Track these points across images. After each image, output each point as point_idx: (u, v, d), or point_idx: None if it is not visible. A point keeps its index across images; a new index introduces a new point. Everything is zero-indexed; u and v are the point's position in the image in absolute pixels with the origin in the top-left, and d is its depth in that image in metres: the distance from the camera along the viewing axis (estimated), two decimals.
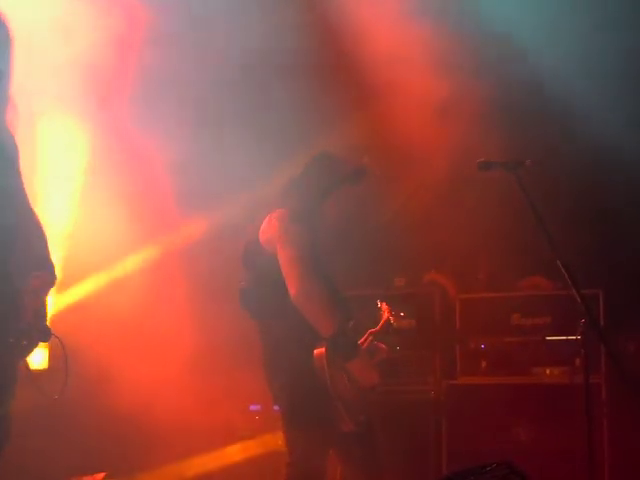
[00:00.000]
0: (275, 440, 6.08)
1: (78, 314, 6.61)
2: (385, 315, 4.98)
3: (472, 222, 7.05)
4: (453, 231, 6.96)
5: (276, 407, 4.63)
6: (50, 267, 3.50)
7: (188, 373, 6.58)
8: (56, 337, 3.53)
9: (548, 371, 6.48)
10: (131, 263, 6.93)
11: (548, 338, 6.51)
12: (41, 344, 3.45)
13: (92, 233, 6.56)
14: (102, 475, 6.48)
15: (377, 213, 6.84)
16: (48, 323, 3.48)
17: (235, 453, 6.70)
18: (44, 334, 3.45)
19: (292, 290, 4.38)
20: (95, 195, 6.69)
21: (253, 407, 6.82)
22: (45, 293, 3.47)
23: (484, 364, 6.70)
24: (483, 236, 7.02)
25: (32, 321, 3.37)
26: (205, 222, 6.99)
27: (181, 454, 6.75)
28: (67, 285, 6.72)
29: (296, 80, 6.62)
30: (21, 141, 3.51)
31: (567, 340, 6.30)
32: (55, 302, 6.50)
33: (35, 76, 5.55)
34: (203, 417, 6.48)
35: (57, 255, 6.34)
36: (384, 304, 5.06)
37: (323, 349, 4.41)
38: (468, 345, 6.75)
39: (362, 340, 4.70)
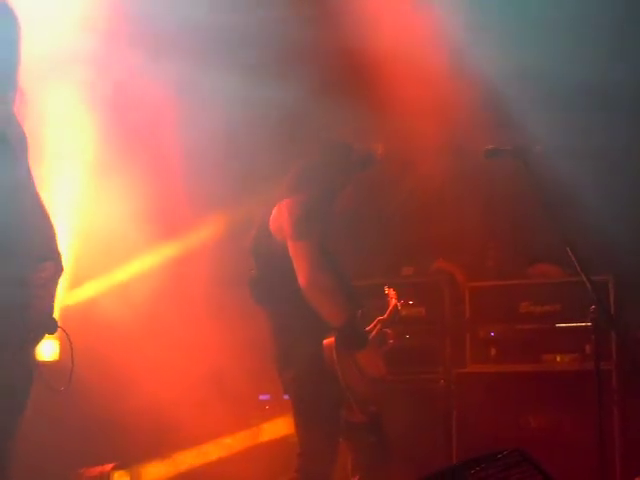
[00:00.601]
0: (286, 427, 6.08)
1: (93, 308, 6.63)
2: (393, 302, 4.97)
3: (481, 210, 7.03)
4: (462, 219, 6.94)
5: (286, 396, 4.63)
6: (57, 258, 3.48)
7: (198, 365, 6.59)
8: (62, 330, 3.52)
9: (558, 358, 6.46)
10: (147, 259, 6.94)
11: (558, 325, 6.49)
12: (50, 336, 3.44)
13: (106, 230, 6.57)
14: (111, 466, 6.50)
15: (385, 202, 6.84)
16: (55, 315, 3.46)
17: (245, 442, 6.72)
18: (50, 326, 3.43)
19: (302, 281, 4.39)
20: (109, 191, 6.68)
21: (263, 397, 6.83)
22: (54, 284, 3.46)
23: (494, 352, 6.67)
24: (492, 223, 7.00)
25: (39, 313, 3.37)
26: (221, 219, 7.00)
27: (190, 443, 6.77)
28: (81, 280, 6.74)
29: (305, 70, 6.62)
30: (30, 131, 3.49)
31: (577, 327, 6.27)
32: (68, 297, 6.53)
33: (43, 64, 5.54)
34: (213, 407, 6.49)
35: (70, 250, 6.37)
36: (391, 290, 5.05)
37: (333, 339, 4.42)
38: (477, 333, 6.73)
39: (370, 327, 4.70)
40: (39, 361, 3.51)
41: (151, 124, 6.67)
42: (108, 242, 6.59)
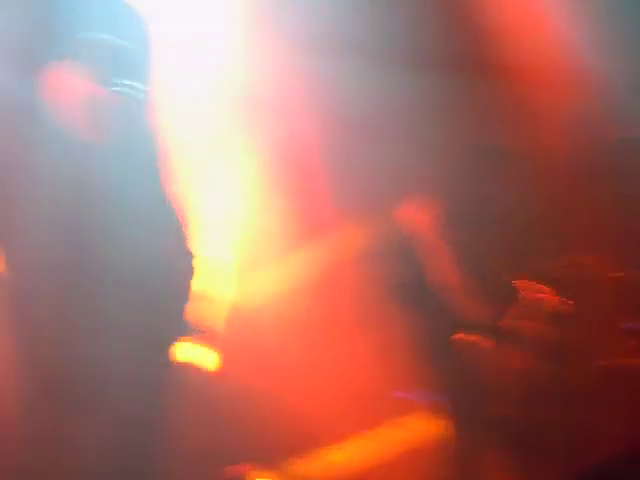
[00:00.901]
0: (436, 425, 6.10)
1: (241, 312, 6.76)
2: (529, 297, 4.95)
3: (616, 200, 6.94)
4: (600, 211, 6.86)
5: (433, 396, 4.68)
6: (189, 259, 3.53)
7: (344, 367, 6.64)
8: (200, 332, 3.56)
9: None
10: (302, 264, 7.03)
11: None
12: (199, 340, 3.50)
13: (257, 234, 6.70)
14: (247, 466, 6.58)
15: (520, 197, 6.80)
16: (192, 318, 3.51)
17: (392, 441, 6.74)
18: (183, 329, 3.47)
19: (437, 280, 4.42)
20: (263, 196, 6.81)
21: (410, 396, 6.83)
22: (190, 285, 3.51)
23: (634, 344, 6.60)
24: (628, 213, 6.91)
25: (180, 315, 3.43)
26: (362, 222, 7.05)
27: (332, 443, 6.83)
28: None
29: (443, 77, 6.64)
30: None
31: None
32: (217, 302, 6.66)
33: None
34: (357, 408, 6.54)
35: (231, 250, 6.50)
36: (527, 284, 5.03)
37: (470, 335, 4.44)
38: (617, 325, 6.66)
39: (508, 322, 4.70)
40: (185, 363, 3.57)
41: (297, 122, 6.76)
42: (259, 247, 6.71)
